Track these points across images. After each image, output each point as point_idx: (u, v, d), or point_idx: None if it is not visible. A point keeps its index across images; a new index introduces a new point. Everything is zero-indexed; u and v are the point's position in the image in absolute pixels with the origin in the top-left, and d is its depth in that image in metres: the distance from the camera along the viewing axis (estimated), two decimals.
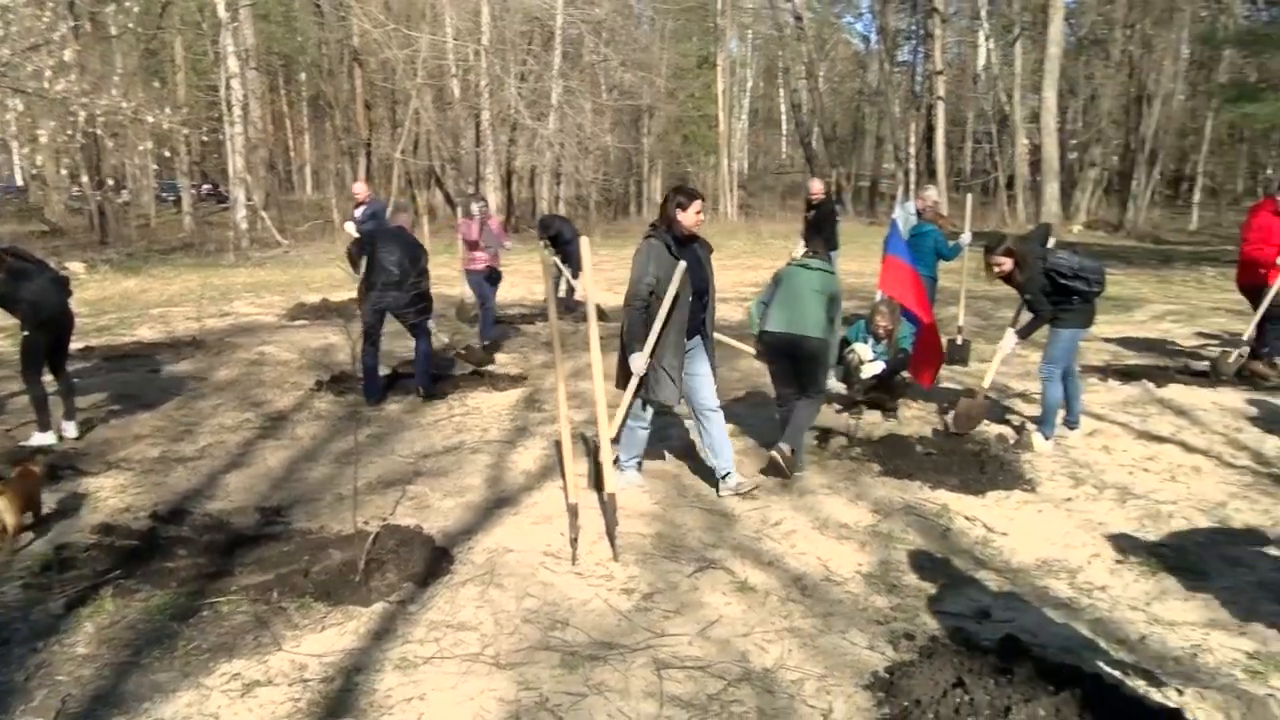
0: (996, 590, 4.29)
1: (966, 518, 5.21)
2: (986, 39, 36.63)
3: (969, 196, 9.68)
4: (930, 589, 4.29)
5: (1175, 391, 7.76)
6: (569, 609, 4.06)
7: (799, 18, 37.53)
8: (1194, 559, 4.58)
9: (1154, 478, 5.84)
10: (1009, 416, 7.15)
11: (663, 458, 6.21)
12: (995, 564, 4.62)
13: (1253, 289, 8.36)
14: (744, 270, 18.18)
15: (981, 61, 37.37)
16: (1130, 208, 30.48)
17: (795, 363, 5.90)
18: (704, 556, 4.63)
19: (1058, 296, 6.18)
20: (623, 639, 3.80)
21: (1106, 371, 8.58)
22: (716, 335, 5.81)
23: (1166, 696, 3.34)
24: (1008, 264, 6.24)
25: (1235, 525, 5.06)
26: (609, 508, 4.77)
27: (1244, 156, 39.02)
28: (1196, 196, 33.02)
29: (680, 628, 3.91)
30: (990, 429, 6.80)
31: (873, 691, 3.40)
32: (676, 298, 5.08)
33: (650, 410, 5.50)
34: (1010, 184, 32.54)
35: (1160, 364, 9.00)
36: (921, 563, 4.59)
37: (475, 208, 10.58)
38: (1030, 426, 6.61)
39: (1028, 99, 33.02)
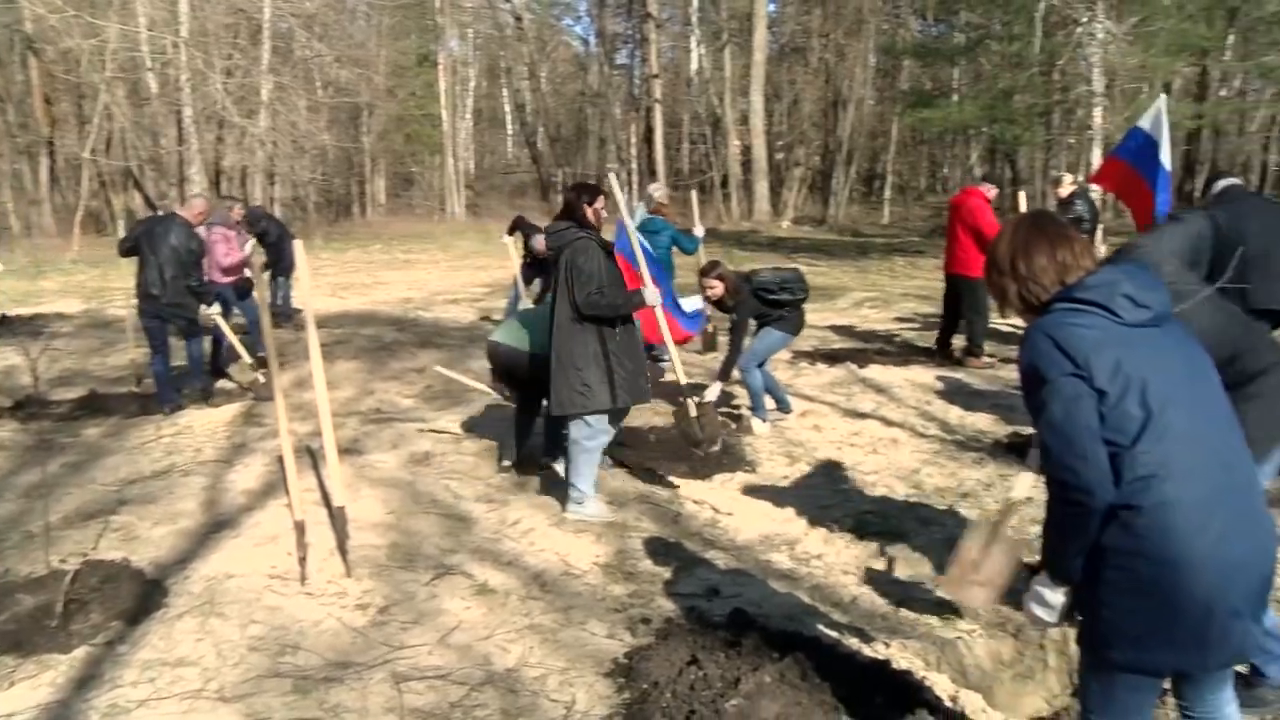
0: (725, 568, 4.51)
1: (695, 501, 5.45)
2: (698, 44, 38.38)
3: (693, 194, 10.13)
4: (665, 573, 4.46)
5: (875, 371, 8.49)
6: (300, 632, 3.87)
7: (519, 18, 37.75)
8: (894, 522, 5.04)
9: (859, 451, 6.36)
10: (732, 404, 7.55)
11: (393, 464, 6.07)
12: (723, 543, 4.86)
13: (961, 279, 8.76)
14: (474, 271, 18.09)
15: (694, 66, 39.11)
16: (831, 204, 33.07)
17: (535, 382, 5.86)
18: (442, 563, 4.56)
19: (770, 310, 6.66)
20: (359, 656, 3.67)
21: (815, 356, 9.26)
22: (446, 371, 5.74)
23: (876, 650, 3.65)
24: (719, 287, 6.65)
25: (927, 489, 5.60)
26: (339, 521, 4.59)
27: (925, 156, 43.26)
28: (887, 193, 36.24)
29: (419, 638, 3.83)
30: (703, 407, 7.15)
31: (613, 679, 3.48)
32: None
33: (606, 420, 5.20)
34: (725, 183, 34.35)
35: (861, 347, 9.83)
36: (655, 548, 4.75)
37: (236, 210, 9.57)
38: (747, 412, 7.01)
39: (738, 102, 34.94)
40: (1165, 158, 7.47)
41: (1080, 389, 2.06)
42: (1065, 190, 9.66)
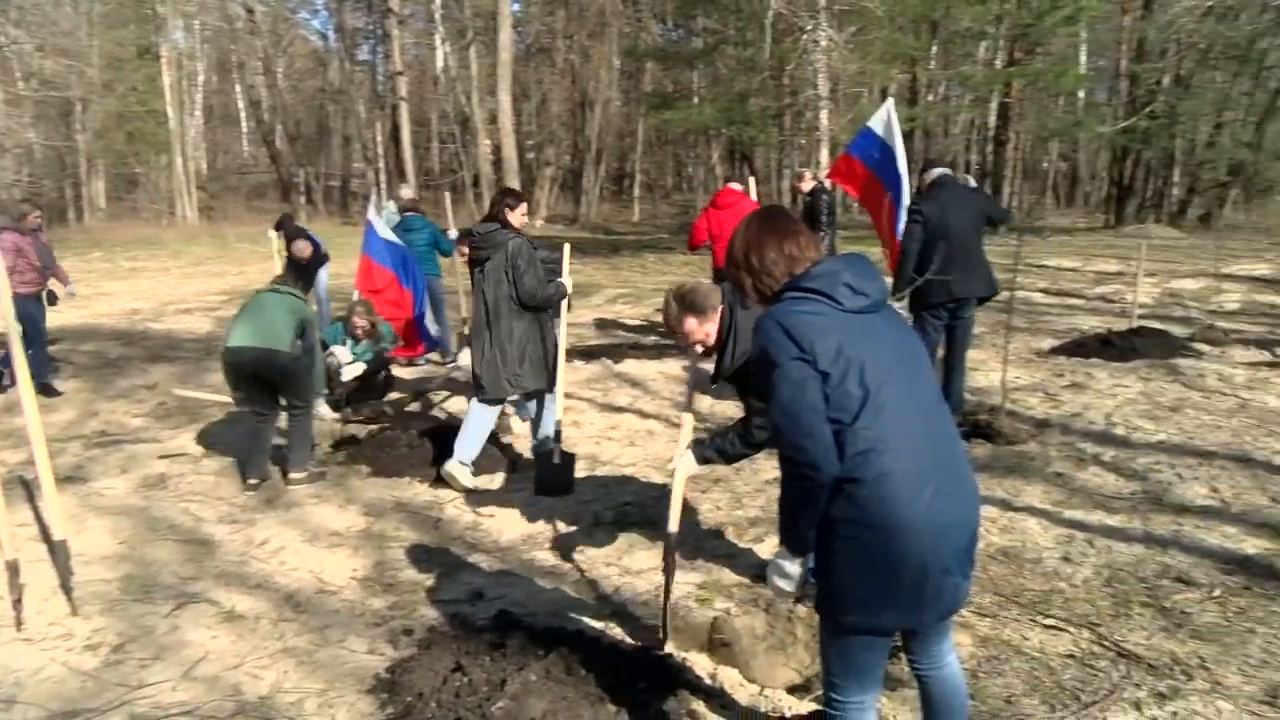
0: (489, 570, 4.48)
1: (456, 506, 5.38)
2: (443, 42, 37.77)
3: (447, 194, 9.93)
4: (426, 581, 4.37)
5: (630, 366, 8.70)
6: (17, 682, 3.49)
7: (250, 10, 35.71)
8: (652, 511, 5.17)
9: (616, 444, 6.50)
10: None
11: (123, 490, 5.60)
12: (486, 545, 4.83)
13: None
14: (209, 278, 16.97)
15: (440, 64, 38.50)
16: (583, 203, 33.54)
17: (265, 382, 5.61)
18: (183, 592, 4.25)
19: None
20: (89, 702, 3.36)
21: (571, 353, 9.34)
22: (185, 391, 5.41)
23: (639, 637, 3.74)
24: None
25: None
26: (60, 556, 4.17)
27: (670, 156, 44.75)
28: (636, 191, 37.22)
29: (161, 675, 3.55)
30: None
31: (375, 695, 3.38)
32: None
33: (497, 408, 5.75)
34: (476, 183, 34.05)
35: (616, 343, 10.03)
36: (416, 557, 4.64)
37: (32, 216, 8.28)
38: (509, 410, 6.99)
39: (486, 101, 34.72)
40: (901, 164, 7.91)
41: (806, 372, 2.22)
42: (807, 185, 10.20)
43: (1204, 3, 23.46)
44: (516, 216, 5.63)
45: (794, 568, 2.43)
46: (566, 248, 6.23)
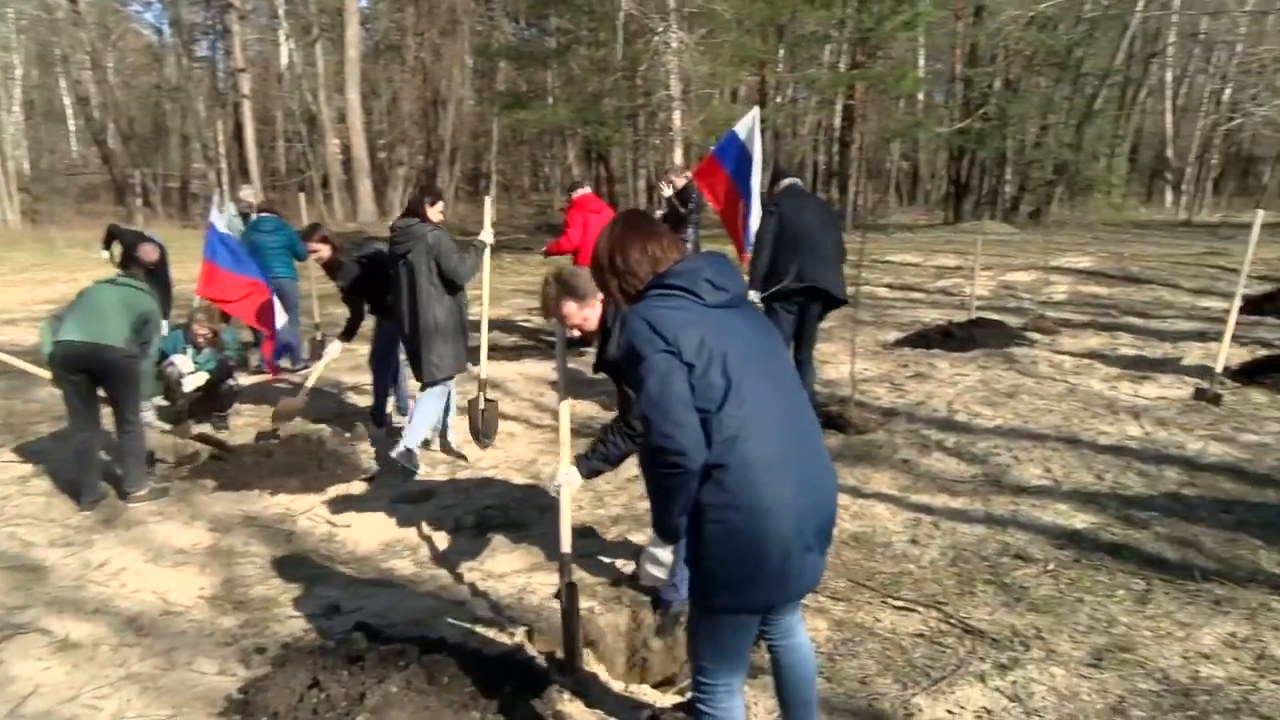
0: (346, 582, 4.36)
1: (309, 517, 5.21)
2: (287, 38, 36.50)
3: (301, 197, 9.53)
4: (280, 596, 4.21)
5: (490, 368, 8.58)
6: None
7: (74, 0, 33.61)
8: (514, 514, 5.14)
9: (474, 447, 6.41)
10: (344, 411, 7.29)
11: None
12: (342, 557, 4.69)
13: None
14: (36, 286, 15.88)
15: (284, 61, 37.15)
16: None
17: (96, 379, 5.28)
18: (9, 623, 3.97)
19: (371, 287, 6.44)
20: None
21: None
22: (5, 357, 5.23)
23: (504, 639, 3.71)
24: (325, 250, 6.52)
25: (544, 477, 5.78)
26: None
27: (526, 156, 44.46)
28: (493, 191, 36.82)
29: None
30: (325, 426, 6.87)
31: (227, 717, 3.24)
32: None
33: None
34: (326, 183, 33.06)
35: (472, 345, 9.87)
36: (268, 572, 4.48)
37: None
38: (391, 410, 6.81)
39: (334, 100, 33.73)
40: (756, 175, 8.00)
41: (673, 363, 2.30)
42: (681, 181, 10.28)
43: (1027, 12, 24.86)
44: (435, 212, 6.01)
45: (666, 555, 2.50)
46: (489, 199, 6.91)
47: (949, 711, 3.17)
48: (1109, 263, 14.79)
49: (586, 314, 3.67)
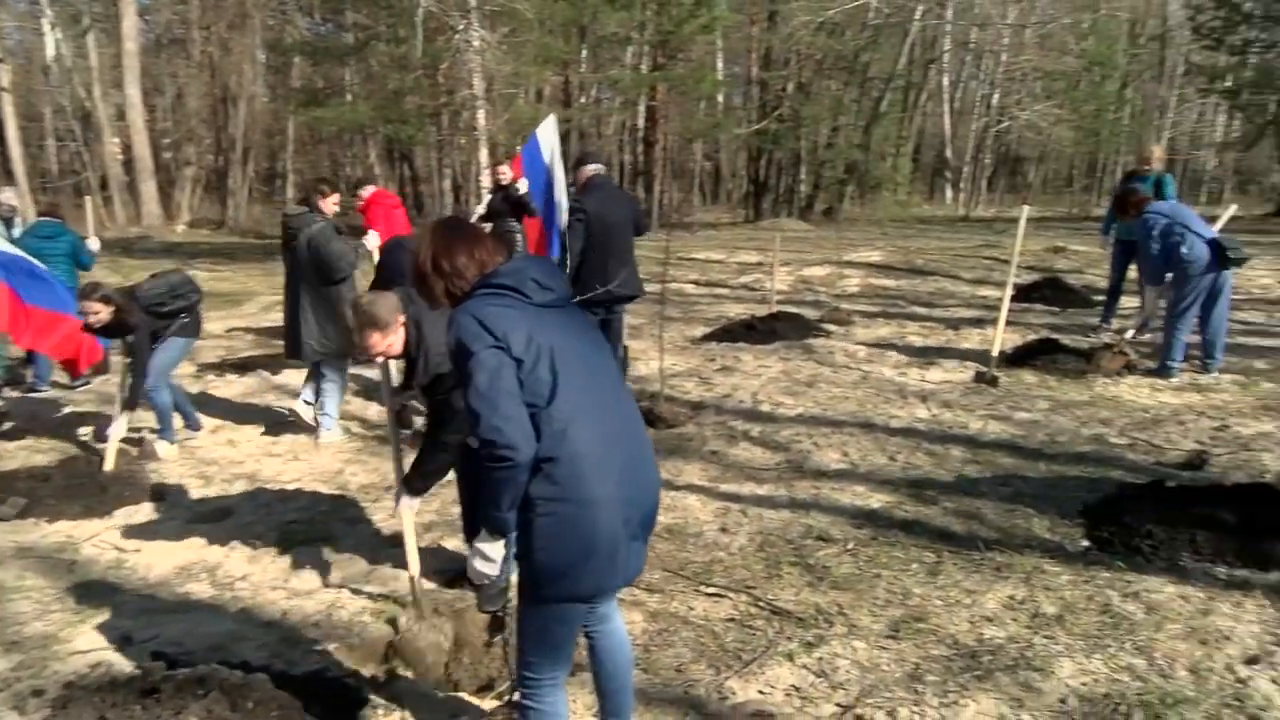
0: (137, 610, 4.08)
1: (95, 544, 4.84)
2: (53, 28, 33.76)
3: (88, 200, 8.75)
4: (61, 632, 3.89)
5: (290, 376, 8.25)
6: None
7: None
8: (320, 527, 4.95)
9: (278, 460, 6.15)
10: (131, 432, 6.81)
11: None
12: (133, 584, 4.39)
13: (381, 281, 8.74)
14: None
15: (51, 52, 34.35)
16: (230, 205, 31.31)
17: None
18: None
19: (165, 321, 6.09)
20: None
21: (223, 366, 8.75)
22: None
23: (313, 660, 3.57)
24: (104, 312, 5.78)
25: (353, 487, 5.60)
26: None
27: (325, 155, 42.89)
28: (289, 192, 35.32)
29: None
30: (110, 446, 6.40)
31: None
32: None
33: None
34: (104, 184, 30.79)
35: (273, 352, 9.46)
36: (47, 606, 4.13)
37: None
38: (150, 436, 6.39)
39: (111, 95, 31.46)
40: (559, 179, 8.03)
41: (502, 358, 2.37)
42: (505, 178, 10.15)
43: (816, 19, 26.05)
44: (328, 204, 6.45)
45: (497, 550, 2.52)
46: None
47: (760, 692, 3.28)
48: (896, 256, 15.71)
49: (390, 341, 3.72)
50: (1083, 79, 33.68)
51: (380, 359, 3.83)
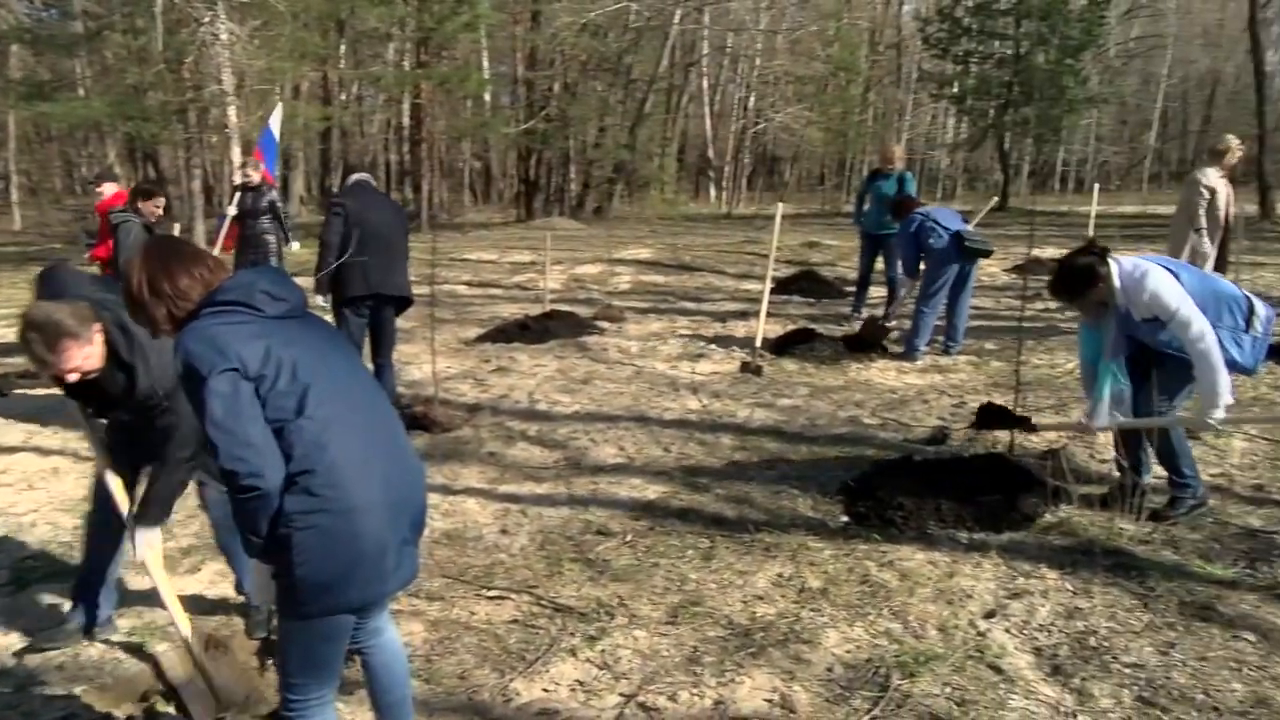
0: None
1: None
2: None
3: None
4: None
5: (16, 402, 7.49)
6: None
7: None
8: (62, 562, 4.52)
9: (10, 490, 5.56)
10: None
11: None
12: None
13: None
14: None
15: None
16: None
17: None
18: None
19: None
20: None
21: None
22: None
23: (63, 707, 3.26)
24: None
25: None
26: None
27: (57, 154, 39.25)
28: (16, 195, 32.12)
29: None
30: None
31: None
32: None
33: None
34: None
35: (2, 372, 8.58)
36: None
37: None
38: None
39: None
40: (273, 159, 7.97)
41: (237, 383, 2.23)
42: (256, 178, 9.62)
43: (579, 20, 26.37)
44: (149, 205, 7.00)
45: (266, 571, 2.40)
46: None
47: (545, 690, 3.29)
48: (665, 253, 16.17)
49: (88, 352, 3.18)
50: (830, 83, 35.89)
51: (74, 376, 3.19)
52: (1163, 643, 3.44)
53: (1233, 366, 4.24)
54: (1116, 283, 4.27)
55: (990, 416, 5.51)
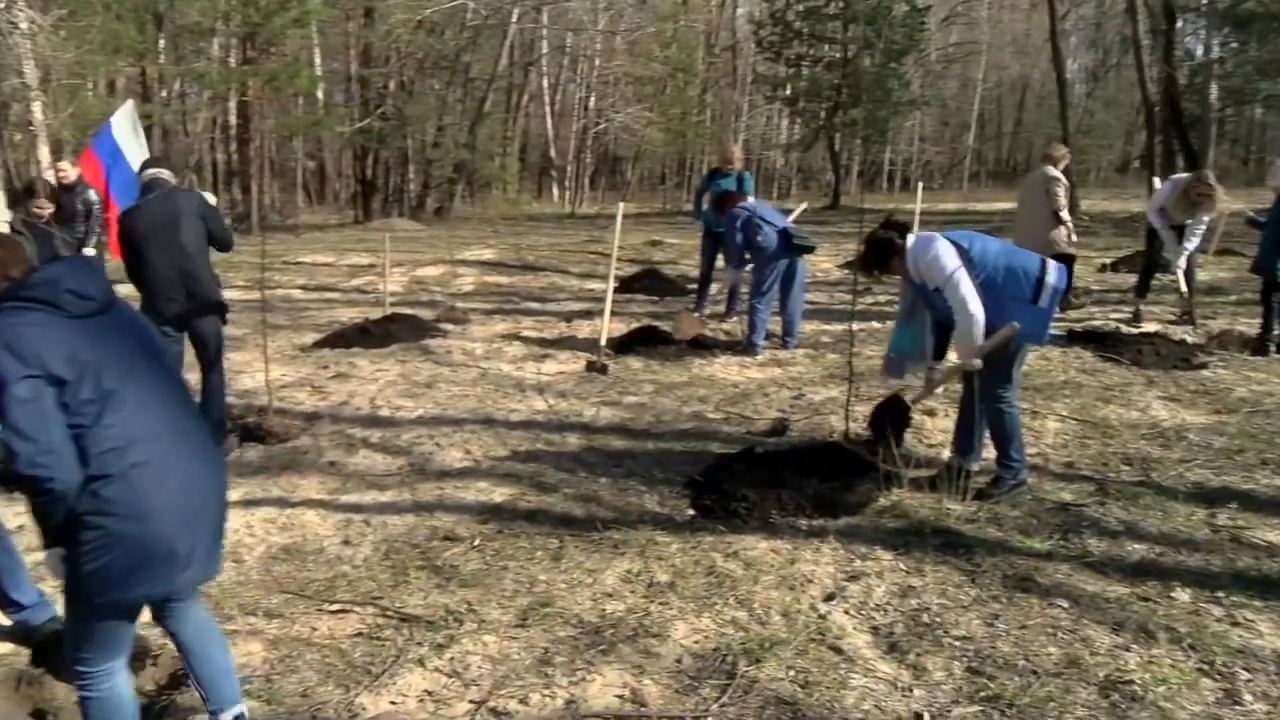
0: None
1: None
2: None
3: None
4: None
5: None
6: None
7: None
8: None
9: None
10: None
11: None
12: None
13: None
14: None
15: None
16: None
17: None
18: None
19: None
20: None
21: None
22: None
23: None
24: None
25: None
26: None
27: None
28: None
29: None
30: None
31: None
32: None
33: None
34: None
35: None
36: None
37: None
38: None
39: None
40: (134, 162, 7.69)
41: (38, 388, 2.22)
42: (72, 175, 9.01)
43: (414, 17, 25.86)
44: (32, 204, 7.17)
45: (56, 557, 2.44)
46: None
47: (392, 702, 3.21)
48: (509, 254, 16.05)
49: None
50: (668, 84, 36.43)
51: None
52: (988, 615, 3.65)
53: (1018, 335, 4.57)
54: (909, 253, 4.68)
55: (880, 418, 5.35)
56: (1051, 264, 4.69)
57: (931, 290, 4.64)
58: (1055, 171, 8.69)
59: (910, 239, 4.73)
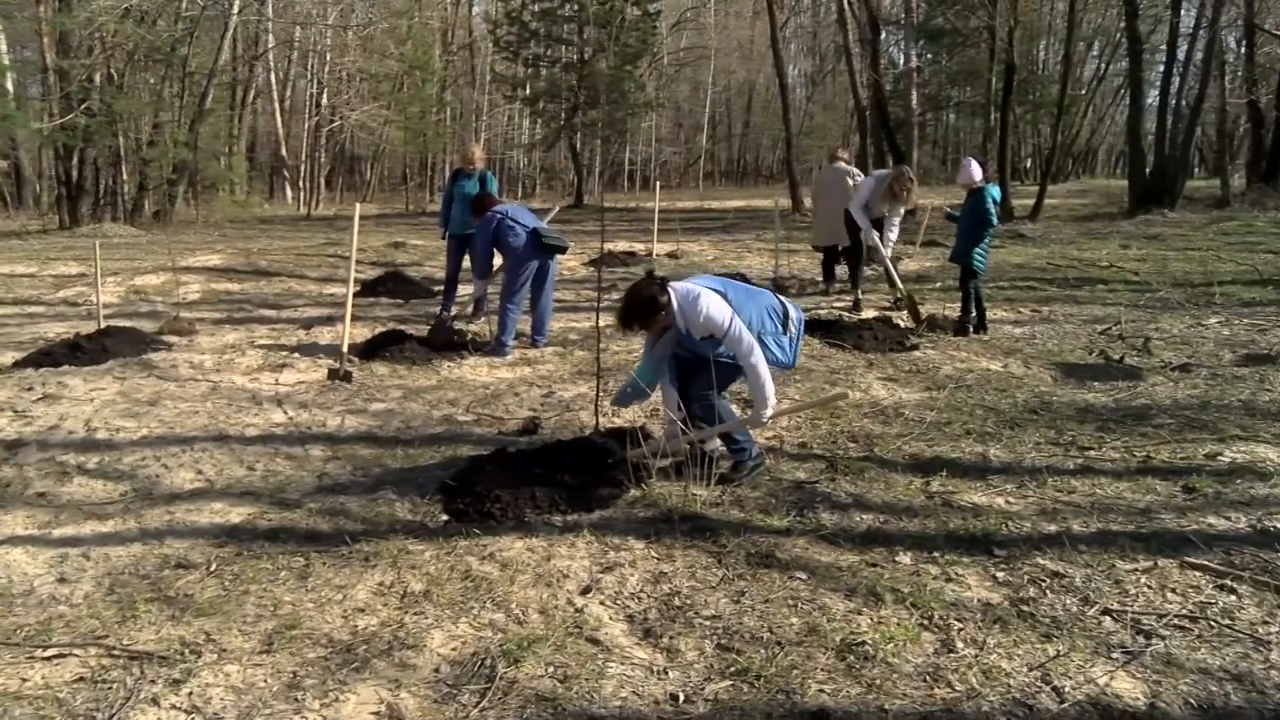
0: None
1: None
2: None
3: None
4: None
5: None
6: None
7: None
8: None
9: None
10: None
11: None
12: None
13: None
14: None
15: None
16: None
17: None
18: None
19: None
20: None
21: None
22: None
23: None
24: None
25: None
26: None
27: None
28: None
29: None
30: None
31: None
32: None
33: None
34: None
35: None
36: None
37: None
38: None
39: None
40: None
41: None
42: None
43: (120, 4, 23.80)
44: None
45: None
46: None
47: None
48: (239, 259, 15.12)
49: None
50: (405, 82, 35.60)
51: None
52: (735, 592, 3.84)
53: (777, 364, 5.04)
54: (676, 308, 4.80)
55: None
56: (789, 302, 5.16)
57: (699, 339, 4.90)
58: (851, 166, 9.76)
59: (673, 295, 4.85)
